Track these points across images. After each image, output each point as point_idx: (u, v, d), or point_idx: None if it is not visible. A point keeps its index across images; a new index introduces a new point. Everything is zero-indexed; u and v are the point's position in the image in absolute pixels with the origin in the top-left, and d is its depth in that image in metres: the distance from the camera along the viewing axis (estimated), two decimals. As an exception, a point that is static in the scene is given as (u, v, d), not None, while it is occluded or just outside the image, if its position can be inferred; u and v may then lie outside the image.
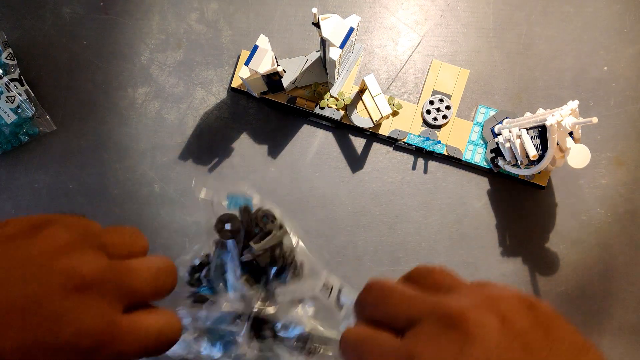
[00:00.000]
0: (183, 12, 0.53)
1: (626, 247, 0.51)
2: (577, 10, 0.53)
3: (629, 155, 0.51)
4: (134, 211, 0.51)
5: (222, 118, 0.52)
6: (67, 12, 0.53)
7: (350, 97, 0.50)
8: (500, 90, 0.52)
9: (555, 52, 0.52)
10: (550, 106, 0.50)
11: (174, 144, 0.52)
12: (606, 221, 0.51)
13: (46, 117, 0.52)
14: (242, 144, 0.52)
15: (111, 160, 0.52)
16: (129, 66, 0.53)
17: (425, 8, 0.53)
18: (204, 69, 0.53)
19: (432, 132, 0.50)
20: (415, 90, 0.52)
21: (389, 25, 0.53)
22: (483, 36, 0.53)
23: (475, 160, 0.50)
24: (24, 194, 0.51)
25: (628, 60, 0.52)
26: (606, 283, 0.50)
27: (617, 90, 0.52)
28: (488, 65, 0.52)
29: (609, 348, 0.49)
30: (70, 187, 0.52)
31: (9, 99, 0.49)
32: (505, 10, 0.53)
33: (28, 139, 0.51)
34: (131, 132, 0.52)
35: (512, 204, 0.51)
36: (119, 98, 0.52)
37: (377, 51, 0.53)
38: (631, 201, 0.51)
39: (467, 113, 0.52)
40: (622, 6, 0.53)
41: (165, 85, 0.52)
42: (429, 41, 0.53)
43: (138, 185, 0.51)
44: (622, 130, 0.51)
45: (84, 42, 0.53)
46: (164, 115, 0.52)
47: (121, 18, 0.53)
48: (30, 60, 0.52)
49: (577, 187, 0.51)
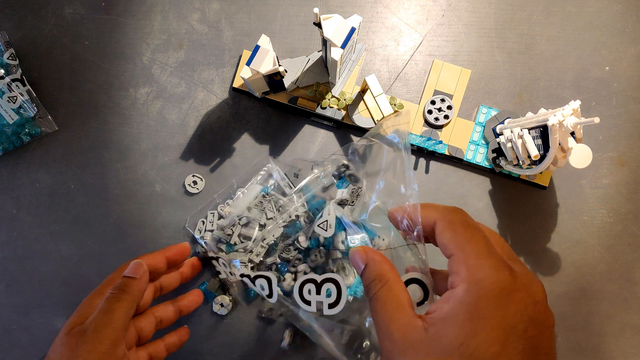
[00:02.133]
0: (185, 12, 0.53)
1: (628, 247, 0.50)
2: (578, 10, 0.53)
3: (630, 155, 0.51)
4: (135, 211, 0.51)
5: (224, 118, 0.52)
6: (69, 12, 0.53)
7: (351, 97, 0.50)
8: (501, 90, 0.52)
9: (556, 52, 0.52)
10: (552, 106, 0.50)
11: (176, 144, 0.52)
12: (608, 221, 0.51)
13: (48, 117, 0.52)
14: (243, 144, 0.52)
15: (112, 160, 0.52)
16: (131, 66, 0.53)
17: (427, 8, 0.53)
18: (205, 69, 0.53)
19: (434, 132, 0.50)
20: (416, 90, 0.52)
21: (390, 25, 0.53)
22: (485, 36, 0.53)
23: (477, 160, 0.50)
24: (25, 194, 0.51)
25: (630, 60, 0.52)
26: (608, 283, 0.50)
27: (619, 90, 0.52)
28: (490, 65, 0.52)
29: (611, 349, 0.49)
30: (72, 186, 0.52)
31: (11, 99, 0.49)
32: (507, 10, 0.53)
33: (30, 139, 0.51)
34: (132, 132, 0.52)
35: (514, 204, 0.51)
36: (121, 98, 0.52)
37: (379, 51, 0.53)
38: (633, 201, 0.51)
39: (469, 113, 0.52)
40: (624, 6, 0.53)
41: (166, 85, 0.52)
42: (430, 41, 0.53)
43: (139, 185, 0.52)
44: (623, 130, 0.51)
45: (85, 42, 0.53)
46: (166, 115, 0.52)
47: (123, 18, 0.53)
48: (32, 61, 0.52)
49: (579, 187, 0.51)
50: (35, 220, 0.51)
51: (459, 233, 0.27)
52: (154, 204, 0.51)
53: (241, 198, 0.49)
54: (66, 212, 0.51)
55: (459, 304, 0.24)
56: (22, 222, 0.51)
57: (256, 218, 0.48)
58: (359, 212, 0.40)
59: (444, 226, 0.27)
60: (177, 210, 0.51)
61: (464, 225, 0.27)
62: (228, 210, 0.49)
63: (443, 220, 0.28)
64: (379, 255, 0.30)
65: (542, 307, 0.26)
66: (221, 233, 0.50)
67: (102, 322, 0.36)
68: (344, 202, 0.44)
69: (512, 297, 0.24)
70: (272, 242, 0.49)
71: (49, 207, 0.51)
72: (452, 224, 0.27)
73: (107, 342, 0.35)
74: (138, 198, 0.51)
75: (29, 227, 0.51)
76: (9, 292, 0.51)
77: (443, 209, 0.28)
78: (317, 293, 0.34)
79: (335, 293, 0.34)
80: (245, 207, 0.48)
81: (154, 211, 0.51)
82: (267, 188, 0.50)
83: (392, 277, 0.28)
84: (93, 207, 0.51)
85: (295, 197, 0.50)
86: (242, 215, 0.48)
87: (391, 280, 0.28)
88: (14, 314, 0.51)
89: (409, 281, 0.30)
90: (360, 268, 0.30)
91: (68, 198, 0.51)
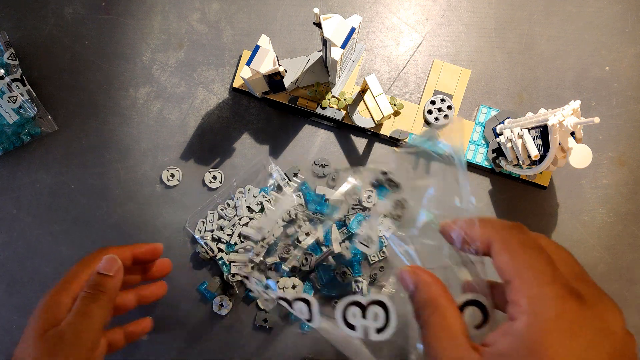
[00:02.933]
0: (185, 12, 0.53)
1: (628, 248, 0.50)
2: (578, 10, 0.53)
3: (630, 155, 0.51)
4: (136, 211, 0.51)
5: (224, 118, 0.52)
6: (69, 12, 0.53)
7: (351, 97, 0.50)
8: (501, 90, 0.52)
9: (556, 52, 0.52)
10: (552, 106, 0.50)
11: (176, 144, 0.52)
12: (608, 221, 0.51)
13: (48, 117, 0.52)
14: (243, 144, 0.52)
15: (113, 160, 0.52)
16: (131, 66, 0.53)
17: (427, 8, 0.53)
18: (205, 69, 0.53)
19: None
20: (416, 90, 0.52)
21: (390, 25, 0.53)
22: (485, 36, 0.53)
23: (477, 160, 0.50)
24: (25, 194, 0.51)
25: (630, 60, 0.52)
26: (608, 283, 0.50)
27: (619, 90, 0.52)
28: (490, 65, 0.52)
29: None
30: (72, 186, 0.52)
31: (11, 99, 0.49)
32: (507, 10, 0.53)
33: (30, 139, 0.51)
34: (133, 132, 0.52)
35: (514, 204, 0.51)
36: (121, 98, 0.52)
37: (379, 51, 0.53)
38: (633, 201, 0.51)
39: (469, 113, 0.52)
40: (624, 6, 0.53)
41: (166, 86, 0.52)
42: (430, 41, 0.53)
43: (140, 185, 0.52)
44: (623, 130, 0.51)
45: (85, 42, 0.53)
46: (166, 115, 0.52)
47: (123, 18, 0.53)
48: (32, 61, 0.52)
49: (579, 187, 0.51)
50: (36, 220, 0.51)
51: (517, 256, 0.24)
52: (154, 204, 0.51)
53: (271, 211, 0.46)
54: (66, 212, 0.51)
55: (519, 341, 0.22)
56: (23, 223, 0.51)
57: (293, 235, 0.47)
58: (406, 227, 0.37)
59: (501, 248, 0.24)
60: (177, 210, 0.51)
61: (523, 247, 0.24)
62: (255, 225, 0.45)
63: (499, 241, 0.25)
64: (430, 276, 0.27)
65: (620, 338, 0.23)
66: (221, 233, 0.50)
67: (81, 326, 0.35)
68: (388, 215, 0.41)
69: (582, 331, 0.21)
70: (272, 242, 0.49)
71: (49, 207, 0.51)
72: (509, 246, 0.24)
73: (86, 347, 0.34)
74: (138, 198, 0.51)
75: (29, 227, 0.51)
76: (9, 292, 0.51)
77: (500, 227, 0.25)
78: (362, 317, 0.31)
79: (384, 317, 0.31)
80: (277, 220, 0.45)
81: (154, 211, 0.51)
82: (267, 188, 0.50)
83: (444, 301, 0.25)
84: (93, 207, 0.51)
85: (295, 196, 0.50)
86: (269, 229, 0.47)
87: (444, 306, 0.25)
88: (14, 314, 0.51)
89: (465, 304, 0.27)
90: (409, 290, 0.27)
91: (68, 198, 0.51)
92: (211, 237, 0.50)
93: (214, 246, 0.49)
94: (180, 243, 0.51)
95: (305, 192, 0.50)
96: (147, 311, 0.50)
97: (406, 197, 0.41)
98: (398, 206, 0.41)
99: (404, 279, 0.27)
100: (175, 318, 0.50)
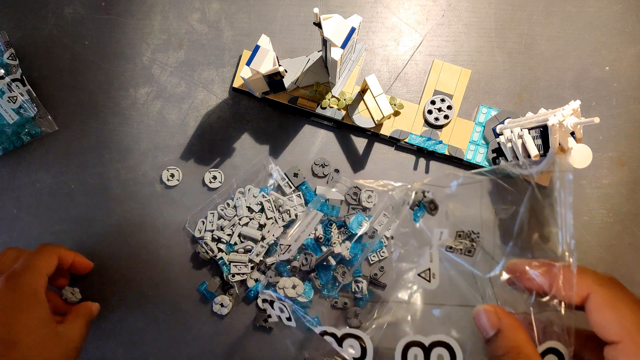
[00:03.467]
0: (185, 12, 0.53)
1: (628, 248, 0.50)
2: (578, 10, 0.53)
3: (630, 155, 0.51)
4: (136, 211, 0.51)
5: (224, 118, 0.52)
6: (69, 12, 0.53)
7: (351, 97, 0.50)
8: (501, 90, 0.52)
9: (556, 52, 0.52)
10: (552, 106, 0.50)
11: (176, 144, 0.52)
12: (608, 221, 0.51)
13: (48, 117, 0.52)
14: (243, 144, 0.52)
15: (113, 160, 0.52)
16: (131, 66, 0.53)
17: (427, 8, 0.53)
18: (205, 69, 0.53)
19: (434, 132, 0.50)
20: (416, 90, 0.52)
21: (390, 25, 0.53)
22: (484, 36, 0.53)
23: (477, 160, 0.50)
24: (25, 194, 0.51)
25: (630, 60, 0.52)
26: (608, 283, 0.50)
27: (619, 90, 0.52)
28: (490, 65, 0.52)
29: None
30: (72, 186, 0.52)
31: (11, 99, 0.49)
32: (507, 10, 0.53)
33: (30, 139, 0.51)
34: (133, 132, 0.52)
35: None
36: (121, 98, 0.52)
37: (379, 51, 0.53)
38: (633, 201, 0.51)
39: (469, 113, 0.52)
40: (624, 6, 0.53)
41: (166, 86, 0.52)
42: (430, 41, 0.53)
43: (140, 185, 0.52)
44: (623, 130, 0.51)
45: (85, 42, 0.53)
46: (166, 115, 0.52)
47: (123, 18, 0.53)
48: (32, 61, 0.52)
49: (579, 187, 0.51)
50: (36, 220, 0.51)
51: (625, 316, 0.23)
52: (154, 204, 0.51)
53: (298, 225, 0.42)
54: (67, 212, 0.51)
55: None
56: (23, 222, 0.51)
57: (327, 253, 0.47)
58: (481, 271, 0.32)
59: (603, 303, 0.23)
60: (177, 210, 0.51)
61: (630, 306, 0.23)
62: (285, 243, 0.42)
63: (601, 295, 0.24)
64: (514, 321, 0.25)
65: None
66: (221, 233, 0.50)
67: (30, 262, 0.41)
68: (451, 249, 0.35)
69: None
70: (272, 242, 0.49)
71: (49, 207, 0.51)
72: (613, 302, 0.23)
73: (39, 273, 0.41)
74: (138, 198, 0.51)
75: (29, 227, 0.51)
76: (9, 292, 0.51)
77: (600, 280, 0.24)
78: (425, 359, 0.28)
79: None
80: (306, 235, 0.42)
81: (154, 211, 0.51)
82: (267, 188, 0.50)
83: (529, 350, 0.24)
84: (93, 207, 0.51)
85: (295, 196, 0.50)
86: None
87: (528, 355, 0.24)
88: (15, 314, 0.51)
89: (546, 351, 0.25)
90: (488, 333, 0.25)
91: (68, 198, 0.51)
92: (211, 237, 0.50)
93: (214, 246, 0.49)
94: (180, 243, 0.51)
95: (306, 192, 0.50)
96: (147, 311, 0.50)
97: (477, 232, 0.35)
98: (464, 239, 0.35)
99: (482, 321, 0.25)
100: (175, 318, 0.50)
